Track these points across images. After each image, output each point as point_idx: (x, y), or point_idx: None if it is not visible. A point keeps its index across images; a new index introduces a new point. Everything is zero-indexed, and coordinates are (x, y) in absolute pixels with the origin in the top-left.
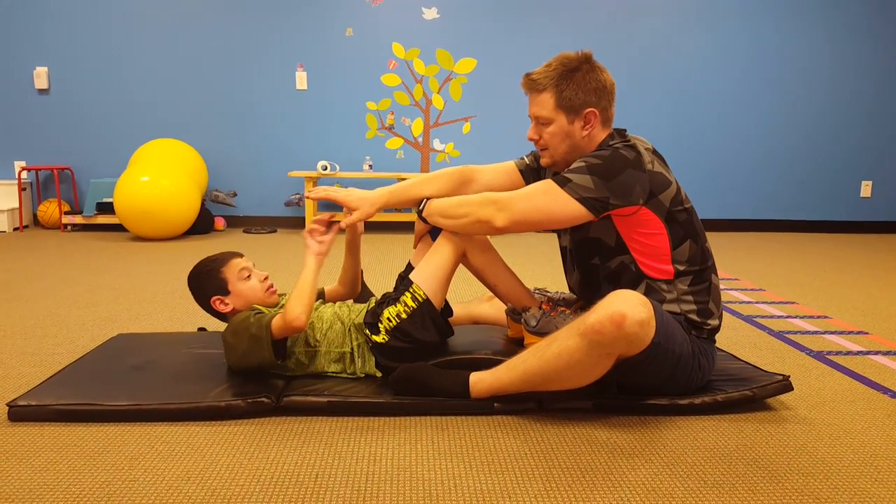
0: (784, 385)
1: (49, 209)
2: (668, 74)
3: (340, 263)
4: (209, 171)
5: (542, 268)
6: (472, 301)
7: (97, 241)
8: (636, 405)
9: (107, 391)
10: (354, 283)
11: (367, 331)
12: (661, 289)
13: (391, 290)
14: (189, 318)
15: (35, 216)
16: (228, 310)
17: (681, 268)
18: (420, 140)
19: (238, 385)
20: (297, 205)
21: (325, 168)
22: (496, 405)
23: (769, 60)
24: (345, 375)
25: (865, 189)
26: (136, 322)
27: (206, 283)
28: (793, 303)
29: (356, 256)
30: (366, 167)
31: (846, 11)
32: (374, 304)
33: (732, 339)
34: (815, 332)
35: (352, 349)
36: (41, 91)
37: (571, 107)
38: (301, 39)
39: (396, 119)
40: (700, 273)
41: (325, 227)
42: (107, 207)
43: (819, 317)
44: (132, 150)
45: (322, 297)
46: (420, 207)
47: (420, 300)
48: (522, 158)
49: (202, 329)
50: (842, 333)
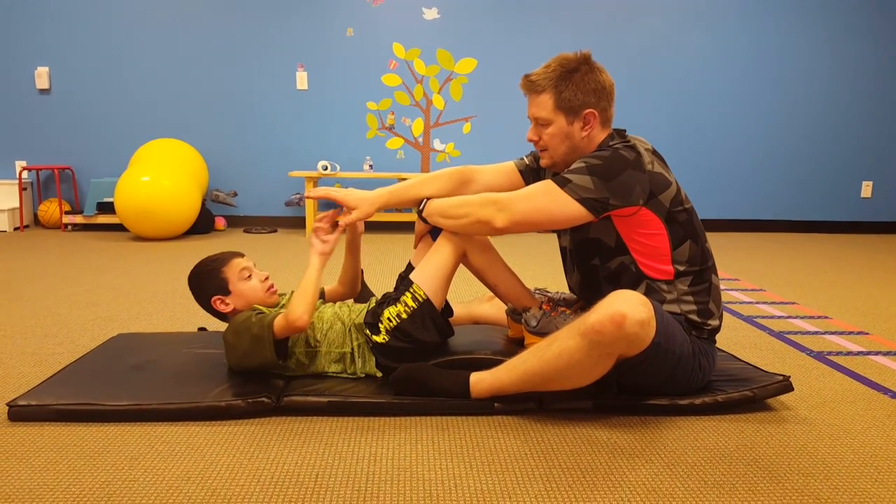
0: (784, 385)
1: (50, 209)
2: (668, 74)
3: (341, 263)
4: (210, 171)
5: (543, 268)
6: (473, 301)
7: (98, 241)
8: (636, 405)
9: (107, 391)
10: (354, 283)
11: (368, 331)
12: (662, 289)
13: (391, 290)
14: (189, 318)
15: (36, 216)
16: (229, 310)
17: (681, 268)
18: (420, 140)
19: (238, 385)
20: (298, 205)
21: (326, 168)
22: (496, 405)
23: (769, 60)
24: (345, 375)
25: (866, 189)
26: (137, 322)
27: (207, 283)
28: (793, 303)
29: (356, 256)
30: (366, 167)
31: (846, 11)
32: (375, 305)
33: (733, 340)
34: (816, 333)
35: (352, 349)
36: (42, 91)
37: (570, 108)
38: (301, 39)
39: (397, 119)
40: (700, 273)
41: (331, 227)
42: (107, 207)
43: (819, 317)
44: (133, 150)
45: (322, 297)
46: (420, 207)
47: (420, 300)
48: (522, 159)
49: (202, 329)
50: (842, 334)
